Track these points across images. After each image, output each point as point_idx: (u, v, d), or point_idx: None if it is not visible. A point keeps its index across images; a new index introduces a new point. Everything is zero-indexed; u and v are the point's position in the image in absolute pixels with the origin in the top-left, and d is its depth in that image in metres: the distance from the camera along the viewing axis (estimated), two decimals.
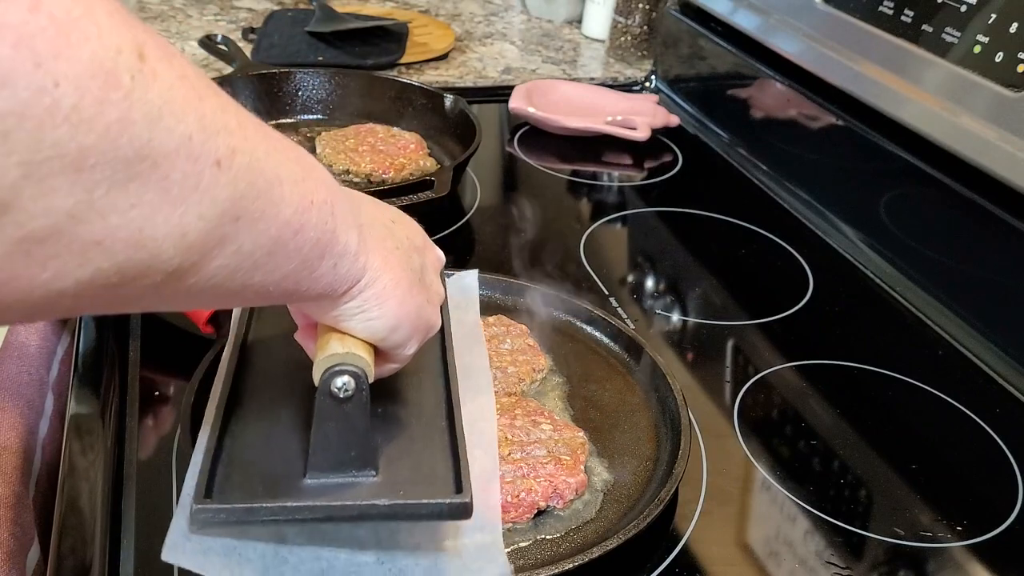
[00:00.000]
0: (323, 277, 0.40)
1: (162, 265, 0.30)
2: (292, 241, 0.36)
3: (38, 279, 0.27)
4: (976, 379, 0.76)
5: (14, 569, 0.56)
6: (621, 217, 0.99)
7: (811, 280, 0.88)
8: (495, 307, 0.75)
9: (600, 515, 0.57)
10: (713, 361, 0.76)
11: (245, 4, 1.47)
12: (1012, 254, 0.77)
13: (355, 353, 0.44)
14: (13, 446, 0.63)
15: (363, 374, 0.45)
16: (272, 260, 0.36)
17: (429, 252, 0.53)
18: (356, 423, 0.46)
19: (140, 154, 0.27)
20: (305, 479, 0.47)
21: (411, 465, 0.49)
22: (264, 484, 0.47)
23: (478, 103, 1.18)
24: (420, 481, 0.47)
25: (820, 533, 0.59)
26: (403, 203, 0.82)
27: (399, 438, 0.51)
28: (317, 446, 0.46)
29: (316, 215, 0.37)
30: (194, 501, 0.45)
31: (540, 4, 1.55)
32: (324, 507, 0.45)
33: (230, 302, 0.38)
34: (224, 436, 0.50)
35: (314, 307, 0.44)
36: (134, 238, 0.28)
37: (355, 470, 0.47)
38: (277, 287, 0.37)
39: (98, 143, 0.26)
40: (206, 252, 0.32)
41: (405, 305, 0.45)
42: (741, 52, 1.12)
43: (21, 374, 0.70)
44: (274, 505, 0.45)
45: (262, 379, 0.55)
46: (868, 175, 0.94)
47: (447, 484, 0.47)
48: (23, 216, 0.25)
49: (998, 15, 0.77)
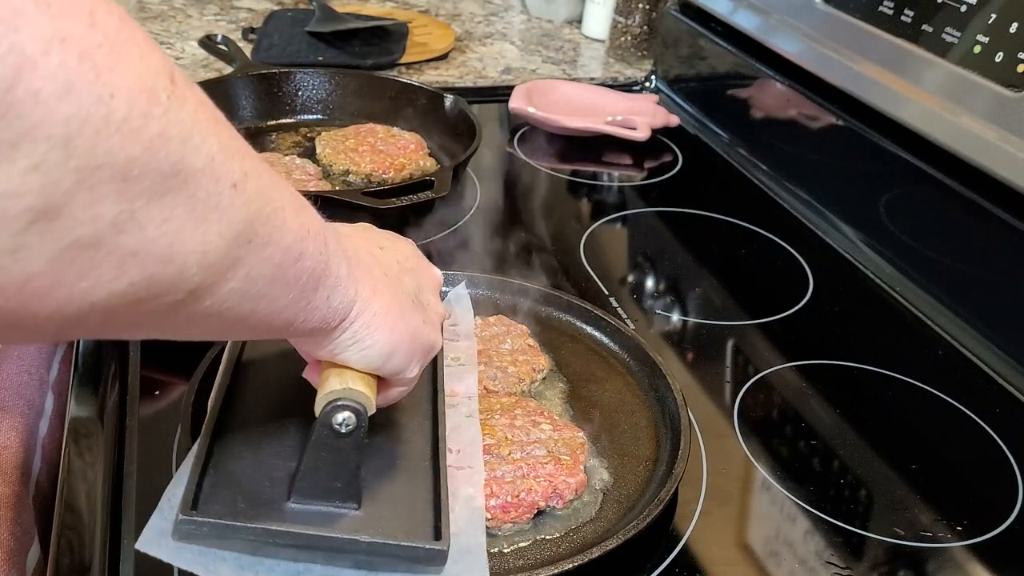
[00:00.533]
0: (317, 310, 0.41)
1: (185, 282, 0.31)
2: (292, 269, 0.37)
3: (76, 288, 0.28)
4: (976, 379, 0.76)
5: (14, 569, 0.56)
6: (621, 217, 0.99)
7: (811, 280, 0.88)
8: (495, 307, 0.75)
9: (600, 515, 0.57)
10: (713, 361, 0.76)
11: (245, 4, 1.47)
12: (1012, 254, 0.77)
13: (355, 388, 0.45)
14: (13, 446, 0.64)
15: (363, 410, 0.45)
16: (274, 288, 0.37)
17: (424, 272, 0.53)
18: (348, 457, 0.47)
19: (175, 169, 0.29)
20: (289, 502, 0.48)
21: (392, 503, 0.50)
22: (248, 501, 0.47)
23: (478, 103, 1.18)
24: (400, 520, 0.48)
25: (820, 533, 0.59)
26: (403, 203, 0.82)
27: (384, 473, 0.52)
28: (306, 473, 0.47)
29: (312, 244, 0.39)
30: (180, 511, 0.45)
31: (540, 4, 1.55)
32: (307, 535, 0.46)
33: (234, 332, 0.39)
34: (215, 446, 0.50)
35: (310, 343, 0.45)
36: (164, 252, 0.30)
37: (338, 501, 0.48)
38: (277, 317, 0.39)
39: (142, 155, 0.27)
40: (222, 272, 0.33)
41: (397, 330, 0.46)
42: (741, 52, 1.12)
43: (21, 374, 0.70)
44: (256, 527, 0.46)
45: (258, 391, 0.55)
46: (868, 175, 0.94)
47: (426, 528, 0.48)
48: (72, 222, 0.26)
49: (998, 15, 0.77)
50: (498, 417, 0.61)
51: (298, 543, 0.46)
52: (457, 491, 0.54)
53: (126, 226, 0.28)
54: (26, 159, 0.24)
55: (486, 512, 0.54)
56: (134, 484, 0.56)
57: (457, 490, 0.54)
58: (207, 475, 0.49)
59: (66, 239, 0.27)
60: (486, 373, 0.65)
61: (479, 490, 0.54)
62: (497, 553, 0.54)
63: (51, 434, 0.69)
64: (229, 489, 0.48)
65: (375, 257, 0.47)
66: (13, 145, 0.24)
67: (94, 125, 0.26)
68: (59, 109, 0.25)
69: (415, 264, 0.52)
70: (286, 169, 0.91)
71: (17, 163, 0.24)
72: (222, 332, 0.38)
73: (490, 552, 0.53)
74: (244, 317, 0.37)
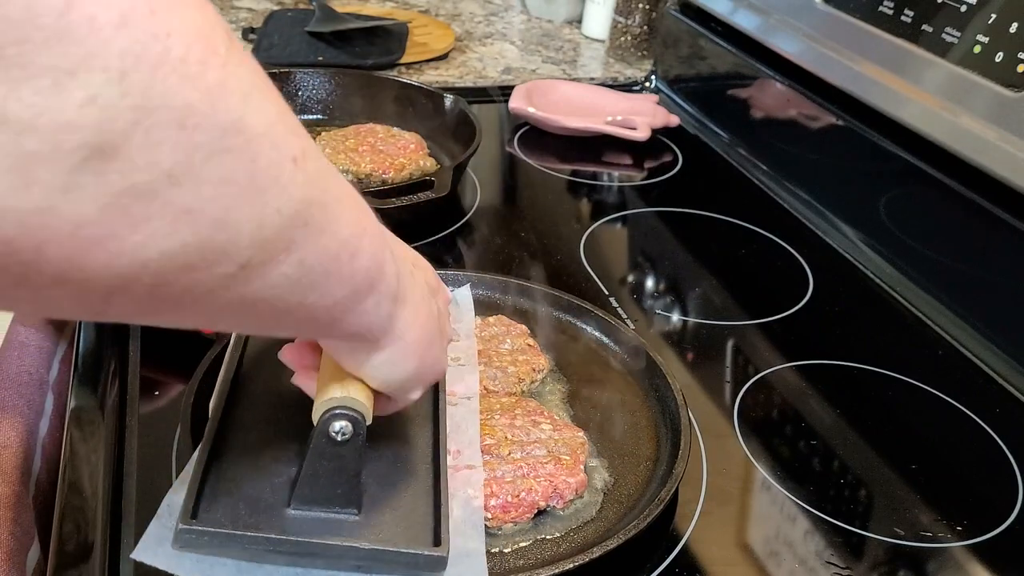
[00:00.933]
0: (366, 314, 0.39)
1: (238, 254, 0.30)
2: (348, 265, 0.36)
3: (128, 241, 0.27)
4: (976, 379, 0.76)
5: (14, 569, 0.56)
6: (621, 217, 0.99)
7: (811, 280, 0.88)
8: (495, 307, 0.75)
9: (600, 515, 0.57)
10: (713, 361, 0.76)
11: (245, 4, 1.47)
12: (1012, 254, 0.77)
13: (354, 397, 0.45)
14: (13, 445, 0.64)
15: (361, 419, 0.45)
16: (328, 281, 0.35)
17: (442, 294, 0.52)
18: (348, 465, 0.47)
19: (235, 126, 0.28)
20: (288, 509, 0.48)
21: (393, 508, 0.50)
22: (248, 508, 0.47)
23: (478, 103, 1.18)
24: (400, 526, 0.48)
25: (820, 533, 0.59)
26: (403, 203, 0.82)
27: (384, 478, 0.52)
28: (306, 481, 0.47)
29: (369, 243, 0.37)
30: (180, 520, 0.45)
31: (540, 4, 1.55)
32: (307, 543, 0.46)
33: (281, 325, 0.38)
34: (215, 453, 0.50)
35: (345, 349, 0.44)
36: (220, 217, 0.29)
37: (339, 507, 0.48)
38: (326, 314, 0.37)
39: (200, 103, 0.26)
40: (276, 253, 0.32)
41: (425, 359, 0.46)
42: (741, 52, 1.12)
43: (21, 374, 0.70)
44: (257, 535, 0.46)
45: (260, 396, 0.55)
46: (868, 175, 0.94)
47: (426, 534, 0.48)
48: (128, 166, 0.25)
49: (998, 15, 0.77)
50: (498, 417, 0.61)
51: (298, 551, 0.46)
52: (456, 492, 0.54)
53: (182, 179, 0.27)
54: (82, 90, 0.24)
55: (487, 512, 0.54)
56: (134, 484, 0.56)
57: (456, 491, 0.54)
58: (207, 482, 0.49)
59: (121, 184, 0.25)
60: (486, 373, 0.65)
61: (479, 491, 0.54)
62: (498, 553, 0.54)
63: (51, 434, 0.69)
64: (230, 496, 0.48)
65: (414, 277, 0.46)
66: (70, 73, 0.23)
67: (150, 62, 0.25)
68: (115, 40, 0.24)
69: (436, 285, 0.51)
70: None
71: (73, 93, 0.23)
72: (268, 324, 0.37)
73: (490, 552, 0.54)
74: (292, 309, 0.35)
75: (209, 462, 0.50)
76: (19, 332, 0.75)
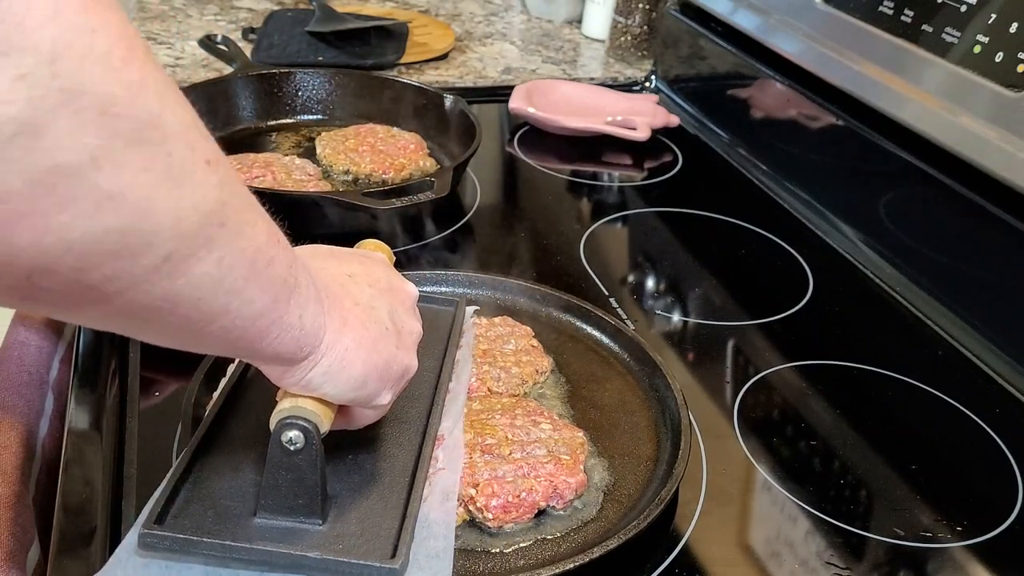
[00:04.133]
0: (291, 328, 0.40)
1: (160, 246, 0.32)
2: (265, 271, 0.37)
3: (54, 220, 0.28)
4: (976, 379, 0.76)
5: (14, 569, 0.56)
6: (621, 217, 0.99)
7: (811, 280, 0.88)
8: (496, 307, 0.75)
9: (600, 515, 0.57)
10: (713, 361, 0.76)
11: (245, 4, 1.47)
12: (1012, 254, 0.77)
13: (303, 407, 0.46)
14: (13, 446, 0.64)
15: (312, 428, 0.46)
16: (248, 287, 0.37)
17: (398, 291, 0.52)
18: (305, 475, 0.48)
19: (154, 122, 0.30)
20: (255, 518, 0.49)
21: (360, 520, 0.50)
22: (216, 516, 0.49)
23: (478, 103, 1.18)
24: (363, 538, 0.49)
25: (820, 533, 0.59)
26: (403, 203, 0.82)
27: (360, 489, 0.52)
28: (266, 490, 0.49)
29: (283, 254, 0.39)
30: (143, 525, 0.47)
31: (540, 4, 1.55)
32: (260, 551, 0.47)
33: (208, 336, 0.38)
34: (198, 461, 0.52)
35: (279, 371, 0.44)
36: (141, 205, 0.30)
37: (303, 517, 0.49)
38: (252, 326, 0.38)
39: (123, 95, 0.29)
40: (196, 248, 0.33)
41: (370, 362, 0.46)
42: (741, 52, 1.12)
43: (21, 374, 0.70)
44: (214, 542, 0.47)
45: (254, 409, 0.56)
46: (868, 175, 0.94)
47: (386, 546, 0.48)
48: (54, 145, 0.27)
49: (998, 15, 0.77)
50: (498, 417, 0.61)
51: (252, 558, 0.47)
52: (431, 495, 0.54)
53: (104, 163, 0.28)
54: (14, 68, 0.26)
55: (488, 512, 0.54)
56: (134, 484, 0.56)
57: (432, 494, 0.54)
58: (183, 489, 0.50)
59: (48, 162, 0.27)
60: (489, 373, 0.65)
61: (453, 492, 0.54)
62: (498, 553, 0.54)
63: (51, 434, 0.69)
64: (202, 504, 0.49)
65: (345, 288, 0.47)
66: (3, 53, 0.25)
67: (79, 51, 0.27)
68: (48, 27, 0.26)
69: (387, 284, 0.51)
70: (286, 169, 0.91)
71: (6, 71, 0.25)
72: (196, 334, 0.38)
73: (491, 552, 0.54)
74: (217, 316, 0.36)
75: (190, 468, 0.51)
76: (19, 332, 0.75)
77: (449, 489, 0.54)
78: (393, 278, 0.53)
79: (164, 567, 0.47)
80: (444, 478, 0.55)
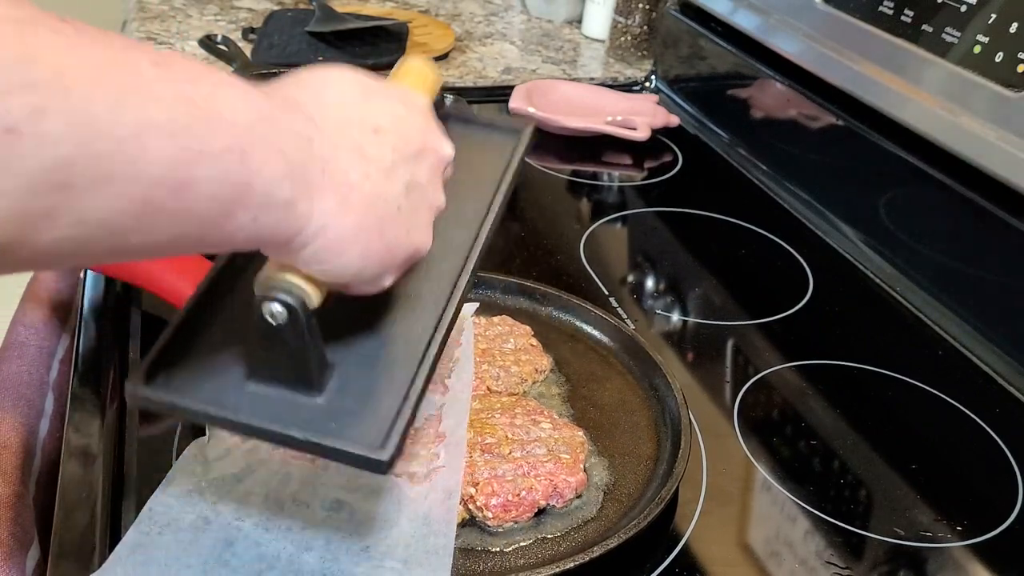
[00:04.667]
0: (240, 231, 0.35)
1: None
2: (172, 201, 0.32)
3: None
4: (976, 379, 0.76)
5: (14, 569, 0.56)
6: (621, 217, 0.99)
7: (811, 280, 0.88)
8: (496, 307, 0.75)
9: (601, 514, 0.57)
10: (713, 361, 0.76)
11: (245, 4, 1.47)
12: (1012, 254, 0.77)
13: (286, 279, 0.41)
14: (13, 446, 0.63)
15: (296, 304, 0.41)
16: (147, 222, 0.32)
17: (428, 155, 0.45)
18: (294, 350, 0.43)
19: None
20: (248, 384, 0.45)
21: (362, 395, 0.45)
22: (209, 379, 0.45)
23: (478, 103, 1.18)
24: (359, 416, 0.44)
25: (820, 533, 0.59)
26: None
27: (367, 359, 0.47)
28: (253, 360, 0.44)
29: (209, 168, 0.32)
30: (130, 381, 0.43)
31: (540, 4, 1.55)
32: (244, 425, 0.43)
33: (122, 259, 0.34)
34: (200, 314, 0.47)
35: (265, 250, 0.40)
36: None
37: (295, 389, 0.44)
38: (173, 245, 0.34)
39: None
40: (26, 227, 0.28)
41: (370, 248, 0.40)
42: (741, 52, 1.12)
43: (21, 374, 0.70)
44: (197, 409, 0.43)
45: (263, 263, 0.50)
46: (868, 175, 0.94)
47: (381, 430, 0.43)
48: None
49: (998, 15, 0.77)
50: (498, 416, 0.61)
51: (236, 430, 0.43)
52: (432, 492, 0.53)
53: None
54: None
55: (488, 511, 0.54)
56: (134, 484, 0.56)
57: (433, 491, 0.53)
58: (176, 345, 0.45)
59: None
60: (489, 372, 0.65)
61: (455, 490, 0.54)
62: (498, 552, 0.54)
63: (51, 434, 0.69)
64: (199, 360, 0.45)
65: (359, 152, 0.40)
66: None
67: None
68: None
69: (417, 147, 0.44)
70: None
71: None
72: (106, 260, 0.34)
73: (491, 551, 0.54)
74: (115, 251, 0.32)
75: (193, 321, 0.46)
76: (19, 332, 0.75)
77: (451, 487, 0.54)
78: (428, 135, 0.45)
79: (163, 566, 0.47)
80: (446, 476, 0.55)
